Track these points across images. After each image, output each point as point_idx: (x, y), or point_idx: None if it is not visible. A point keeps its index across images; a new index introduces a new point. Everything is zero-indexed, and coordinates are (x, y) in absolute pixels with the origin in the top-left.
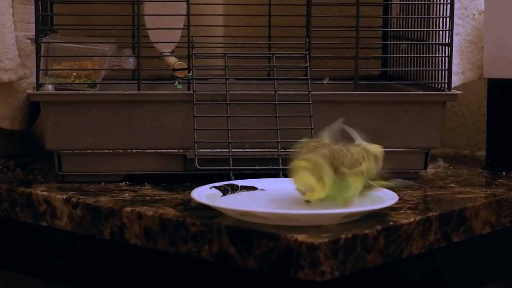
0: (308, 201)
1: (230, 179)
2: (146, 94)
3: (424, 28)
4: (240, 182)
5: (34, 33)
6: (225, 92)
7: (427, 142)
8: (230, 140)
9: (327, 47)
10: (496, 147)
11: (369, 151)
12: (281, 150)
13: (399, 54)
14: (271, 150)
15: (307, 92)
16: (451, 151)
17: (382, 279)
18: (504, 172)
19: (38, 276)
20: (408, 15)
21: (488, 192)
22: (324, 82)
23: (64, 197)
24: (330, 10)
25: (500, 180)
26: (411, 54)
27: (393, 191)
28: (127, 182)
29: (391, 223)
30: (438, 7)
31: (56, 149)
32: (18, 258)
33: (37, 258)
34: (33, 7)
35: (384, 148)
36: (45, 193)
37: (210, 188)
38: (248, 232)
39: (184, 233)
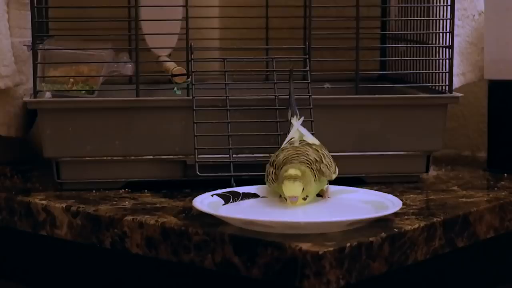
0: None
1: (231, 185)
2: (145, 100)
3: (424, 30)
4: (241, 189)
5: (30, 39)
6: (225, 97)
7: (428, 145)
8: (230, 146)
9: (327, 49)
10: (498, 149)
11: (321, 148)
12: None
13: (399, 56)
14: (272, 155)
15: (308, 96)
16: (451, 152)
17: (388, 286)
18: (505, 174)
19: (38, 286)
20: (408, 17)
21: (491, 195)
22: (325, 87)
23: (64, 206)
24: (327, 12)
25: (502, 183)
26: (411, 56)
27: None
28: (127, 189)
29: (395, 230)
30: (438, 9)
31: (54, 157)
32: (17, 268)
33: (36, 268)
34: (29, 12)
35: (386, 151)
36: (44, 201)
37: (212, 195)
38: (252, 241)
39: (186, 242)
